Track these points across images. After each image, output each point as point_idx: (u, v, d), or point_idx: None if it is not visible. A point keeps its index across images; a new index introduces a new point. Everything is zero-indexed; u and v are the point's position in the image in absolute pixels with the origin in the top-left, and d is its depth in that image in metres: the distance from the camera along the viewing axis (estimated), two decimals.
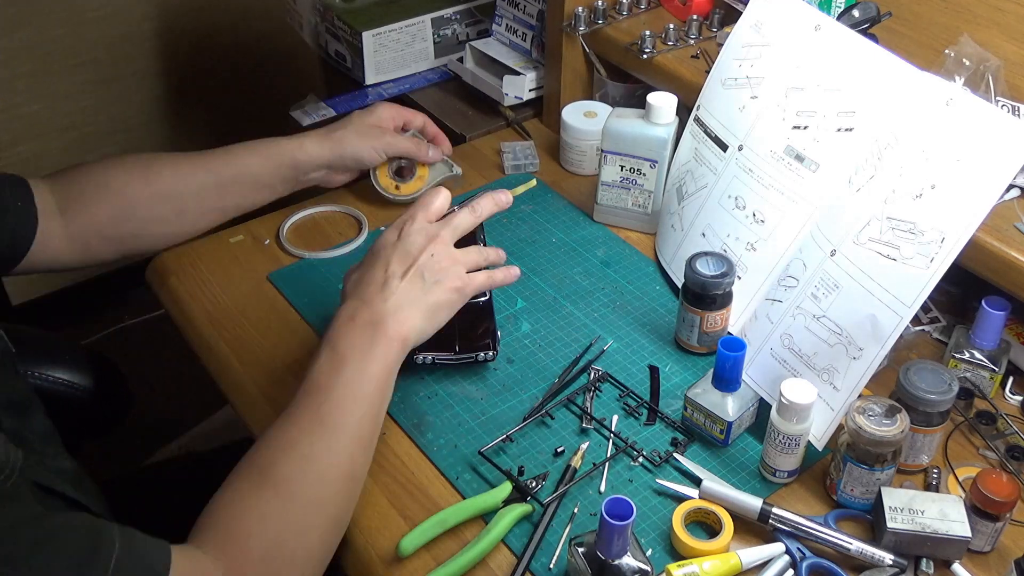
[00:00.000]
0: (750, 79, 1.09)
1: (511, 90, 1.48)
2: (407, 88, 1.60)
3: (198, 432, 2.02)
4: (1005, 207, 1.01)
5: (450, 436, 0.99)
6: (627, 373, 1.06)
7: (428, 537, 0.87)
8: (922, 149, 0.89)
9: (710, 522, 0.90)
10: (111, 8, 2.10)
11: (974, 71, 1.08)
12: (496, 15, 1.56)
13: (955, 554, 0.85)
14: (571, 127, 1.35)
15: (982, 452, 0.98)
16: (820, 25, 1.04)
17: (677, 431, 0.99)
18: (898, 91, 0.95)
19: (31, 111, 2.07)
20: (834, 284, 0.94)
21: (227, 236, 1.25)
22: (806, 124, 1.03)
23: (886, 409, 0.88)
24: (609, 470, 0.95)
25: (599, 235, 1.27)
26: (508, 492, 0.91)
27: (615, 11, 1.39)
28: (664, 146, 1.18)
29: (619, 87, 1.41)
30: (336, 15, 1.63)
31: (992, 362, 1.00)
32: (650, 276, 1.20)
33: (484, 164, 1.40)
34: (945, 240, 0.86)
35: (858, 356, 0.92)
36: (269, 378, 1.06)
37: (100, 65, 2.15)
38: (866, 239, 0.91)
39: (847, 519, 0.91)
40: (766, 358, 1.00)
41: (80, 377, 1.20)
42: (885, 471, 0.88)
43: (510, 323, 1.13)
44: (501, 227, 1.27)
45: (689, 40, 1.32)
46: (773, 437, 0.91)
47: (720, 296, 1.04)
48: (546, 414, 1.01)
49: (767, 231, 1.07)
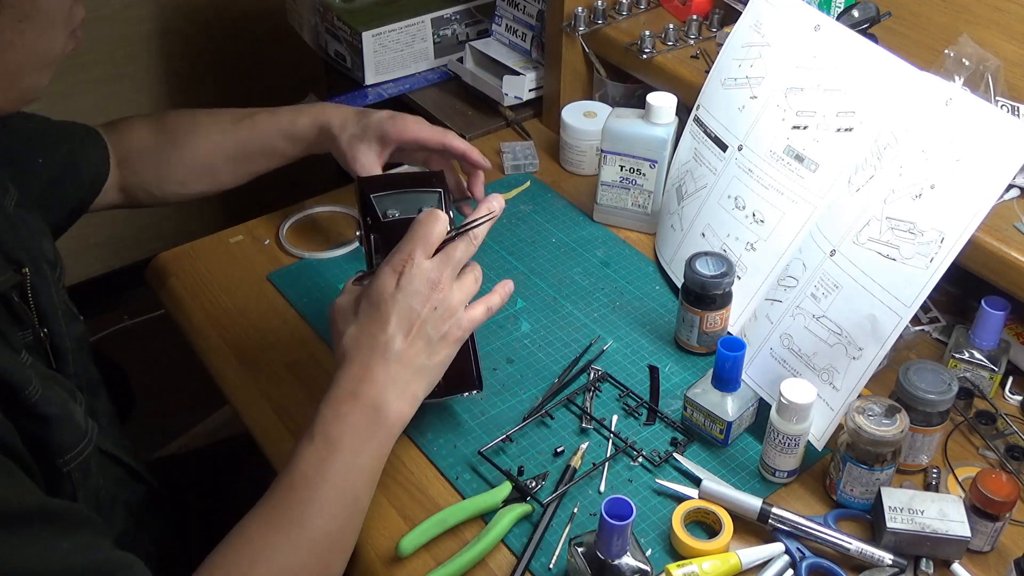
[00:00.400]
0: (750, 79, 1.09)
1: (511, 90, 1.48)
2: (407, 88, 1.60)
3: (198, 432, 2.02)
4: (1005, 207, 1.01)
5: (450, 436, 0.99)
6: (627, 373, 1.06)
7: (428, 537, 0.87)
8: (922, 149, 0.89)
9: (710, 522, 0.90)
10: (111, 8, 2.10)
11: (974, 71, 1.08)
12: (496, 15, 1.56)
13: (955, 554, 0.85)
14: (571, 127, 1.35)
15: (982, 452, 0.98)
16: (820, 25, 1.04)
17: (677, 431, 0.99)
18: (898, 91, 0.95)
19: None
20: (834, 284, 0.94)
21: (227, 236, 1.26)
22: (806, 124, 1.03)
23: (886, 409, 0.88)
24: (609, 470, 0.95)
25: (599, 235, 1.27)
26: (508, 492, 0.91)
27: (615, 11, 1.39)
28: (664, 146, 1.18)
29: (619, 87, 1.41)
30: (336, 15, 1.63)
31: (992, 362, 1.00)
32: (650, 276, 1.20)
33: None
34: (945, 240, 0.86)
35: (858, 356, 0.92)
36: (269, 378, 1.06)
37: (100, 65, 2.15)
38: (866, 239, 0.91)
39: (847, 519, 0.91)
40: (766, 358, 1.00)
41: None
42: (885, 471, 0.88)
43: (510, 323, 1.13)
44: (501, 227, 1.27)
45: (689, 40, 1.32)
46: (773, 437, 0.91)
47: (720, 296, 1.04)
48: (546, 414, 1.01)
49: (767, 231, 1.07)
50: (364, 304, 0.83)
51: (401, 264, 0.82)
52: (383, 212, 0.93)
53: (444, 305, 0.83)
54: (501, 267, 1.21)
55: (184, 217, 2.33)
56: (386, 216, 0.93)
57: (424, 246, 0.83)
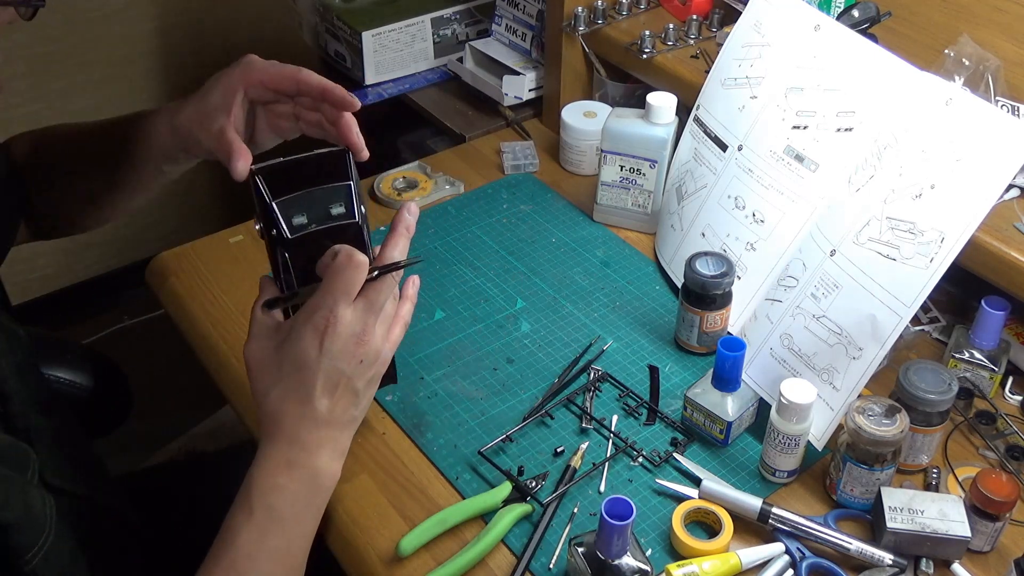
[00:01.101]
0: (750, 79, 1.09)
1: (511, 90, 1.48)
2: (407, 88, 1.61)
3: (198, 432, 2.02)
4: (1005, 207, 1.01)
5: (450, 436, 0.99)
6: (627, 373, 1.06)
7: (428, 537, 0.87)
8: (922, 149, 0.89)
9: (710, 522, 0.90)
10: (111, 8, 2.10)
11: (974, 71, 1.08)
12: (496, 15, 1.56)
13: (955, 554, 0.85)
14: (571, 127, 1.35)
15: (982, 452, 0.98)
16: (820, 25, 1.04)
17: (677, 431, 0.99)
18: (898, 91, 0.95)
19: (31, 111, 2.06)
20: (834, 284, 0.94)
21: (227, 236, 1.26)
22: (806, 124, 1.03)
23: (886, 409, 0.88)
24: (609, 470, 0.95)
25: (599, 235, 1.27)
26: (508, 492, 0.91)
27: (615, 11, 1.39)
28: (664, 146, 1.18)
29: (619, 87, 1.41)
30: (336, 15, 1.63)
31: (992, 362, 1.00)
32: (650, 276, 1.20)
33: (484, 164, 1.40)
34: (945, 240, 0.86)
35: (858, 356, 0.92)
36: None
37: (100, 65, 2.15)
38: (866, 239, 0.91)
39: (847, 519, 0.91)
40: (766, 358, 1.00)
41: (81, 377, 1.20)
42: (885, 471, 0.88)
43: (510, 323, 1.13)
44: (500, 227, 1.27)
45: (689, 40, 1.32)
46: (773, 437, 0.91)
47: (720, 296, 1.04)
48: (546, 414, 1.01)
49: (767, 231, 1.07)
50: (286, 364, 0.78)
51: (323, 323, 0.76)
52: (289, 221, 0.80)
53: (370, 355, 0.79)
54: (501, 267, 1.21)
55: (184, 217, 2.34)
56: (293, 227, 0.81)
57: (346, 298, 0.77)
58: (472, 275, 1.20)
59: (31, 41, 1.99)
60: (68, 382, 1.19)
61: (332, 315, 0.76)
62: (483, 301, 1.16)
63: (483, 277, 1.19)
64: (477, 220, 1.29)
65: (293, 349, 0.77)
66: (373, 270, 0.78)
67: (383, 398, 1.02)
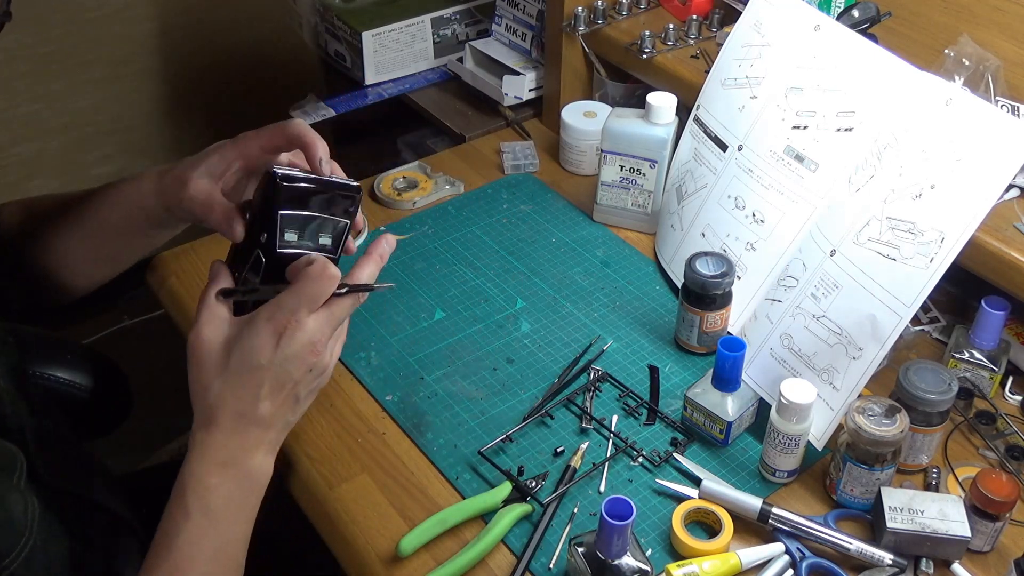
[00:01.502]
0: (750, 79, 1.09)
1: (511, 90, 1.48)
2: (407, 88, 1.60)
3: None
4: (1005, 207, 1.01)
5: (450, 436, 0.99)
6: (627, 373, 1.06)
7: (428, 537, 0.87)
8: (922, 149, 0.89)
9: (710, 522, 0.90)
10: (111, 8, 2.10)
11: (974, 71, 1.08)
12: (496, 15, 1.56)
13: (955, 554, 0.85)
14: (571, 127, 1.35)
15: (982, 452, 0.98)
16: (820, 25, 1.04)
17: (677, 431, 0.99)
18: (898, 91, 0.95)
19: (31, 111, 2.06)
20: (834, 284, 0.94)
21: None
22: (806, 124, 1.03)
23: (886, 409, 0.88)
24: (609, 470, 0.95)
25: (599, 235, 1.27)
26: (508, 492, 0.91)
27: (615, 11, 1.39)
28: (664, 146, 1.18)
29: (619, 87, 1.41)
30: (336, 15, 1.63)
31: (992, 362, 1.00)
32: (650, 276, 1.20)
33: (484, 164, 1.40)
34: (945, 240, 0.86)
35: (858, 356, 0.92)
36: None
37: (100, 65, 2.15)
38: (866, 239, 0.91)
39: (847, 519, 0.91)
40: (766, 358, 1.00)
41: (81, 376, 1.20)
42: (885, 471, 0.88)
43: (510, 323, 1.13)
44: (500, 227, 1.27)
45: (689, 40, 1.32)
46: (773, 437, 0.91)
47: (720, 296, 1.04)
48: (546, 414, 1.01)
49: (767, 231, 1.07)
50: (236, 359, 0.77)
51: (283, 324, 0.76)
52: (283, 234, 0.81)
53: (319, 366, 0.79)
54: (501, 267, 1.21)
55: None
56: (284, 241, 0.81)
57: (311, 305, 0.77)
58: (472, 275, 1.20)
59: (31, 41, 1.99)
60: (68, 382, 1.19)
61: (295, 318, 0.76)
62: (483, 301, 1.16)
63: (483, 277, 1.19)
64: (477, 220, 1.29)
65: (247, 344, 0.77)
66: (343, 287, 0.79)
67: (383, 398, 1.02)
